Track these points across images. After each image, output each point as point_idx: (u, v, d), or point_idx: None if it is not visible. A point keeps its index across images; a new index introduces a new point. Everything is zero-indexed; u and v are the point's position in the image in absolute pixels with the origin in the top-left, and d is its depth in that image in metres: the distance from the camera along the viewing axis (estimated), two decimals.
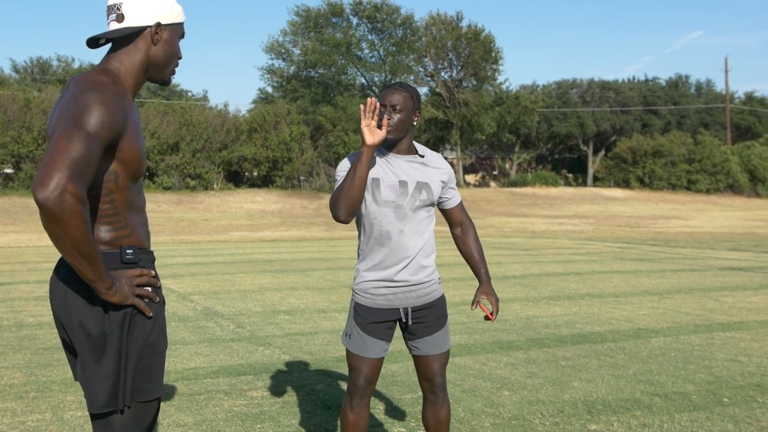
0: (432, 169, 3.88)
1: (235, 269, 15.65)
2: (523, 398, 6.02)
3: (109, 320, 2.71)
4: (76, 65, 69.97)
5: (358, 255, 3.92)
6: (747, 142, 74.78)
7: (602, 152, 78.39)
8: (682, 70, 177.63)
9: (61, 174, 2.41)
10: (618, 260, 18.15)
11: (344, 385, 6.37)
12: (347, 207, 3.64)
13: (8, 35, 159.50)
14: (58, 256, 18.79)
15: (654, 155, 66.42)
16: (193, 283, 13.33)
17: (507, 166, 78.71)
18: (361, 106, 3.59)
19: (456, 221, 4.08)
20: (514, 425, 5.31)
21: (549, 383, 6.49)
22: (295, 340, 8.33)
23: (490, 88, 67.34)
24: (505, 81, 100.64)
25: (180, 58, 2.99)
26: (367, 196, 3.78)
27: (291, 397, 6.05)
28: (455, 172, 70.25)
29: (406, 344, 3.98)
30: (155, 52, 2.87)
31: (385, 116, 3.67)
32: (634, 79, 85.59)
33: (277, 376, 6.73)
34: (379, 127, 3.63)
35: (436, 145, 70.60)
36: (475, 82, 66.65)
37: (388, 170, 3.80)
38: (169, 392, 6.14)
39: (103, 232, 2.73)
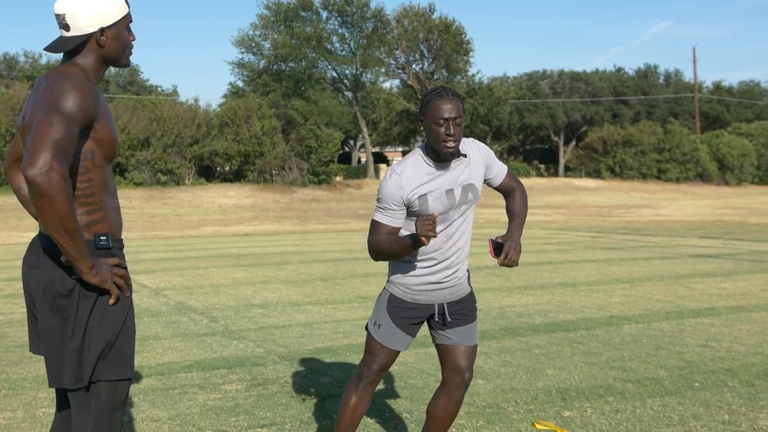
0: (474, 167, 3.84)
1: (207, 264, 15.60)
2: (497, 387, 6.05)
3: (80, 302, 2.83)
4: (43, 61, 69.30)
5: None
6: (716, 131, 75.41)
7: (573, 142, 78.79)
8: (651, 60, 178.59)
9: (47, 153, 2.60)
10: (590, 249, 18.27)
11: (320, 378, 6.38)
12: (381, 260, 3.73)
13: None
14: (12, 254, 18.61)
15: (624, 145, 66.85)
16: (165, 278, 13.27)
17: None
18: (430, 223, 3.38)
19: (506, 191, 4.06)
20: (489, 413, 5.35)
21: (523, 371, 6.53)
22: (269, 334, 8.32)
23: (462, 80, 67.42)
24: (477, 73, 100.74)
25: (133, 40, 3.11)
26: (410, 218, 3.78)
27: (266, 390, 6.04)
28: None
29: (433, 335, 3.98)
30: (106, 51, 3.02)
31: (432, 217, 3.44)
32: (603, 69, 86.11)
33: (251, 369, 6.72)
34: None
35: (407, 137, 70.65)
36: (446, 74, 66.70)
37: (435, 181, 3.73)
38: (143, 387, 6.12)
39: (79, 215, 2.87)
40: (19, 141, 3.13)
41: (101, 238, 2.89)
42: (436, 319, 3.90)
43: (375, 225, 3.77)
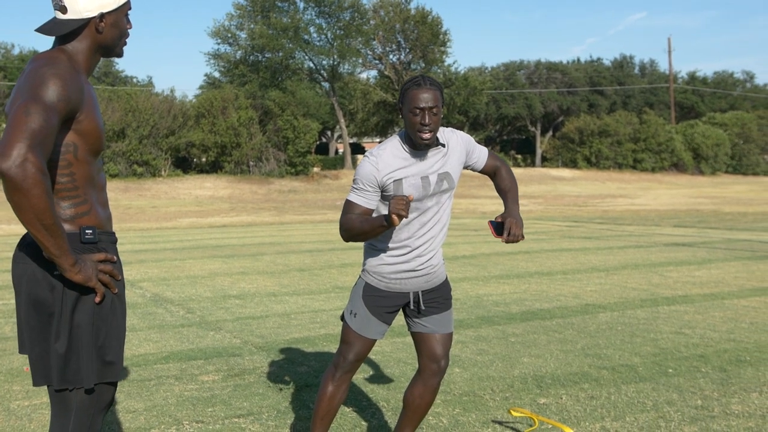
0: (453, 156, 3.85)
1: (184, 255, 15.55)
2: (473, 375, 6.09)
3: (64, 299, 2.71)
4: (16, 51, 68.63)
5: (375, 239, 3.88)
6: (690, 121, 75.80)
7: (550, 133, 79.00)
8: (626, 50, 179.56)
9: (22, 144, 2.46)
10: (566, 238, 18.36)
11: (297, 368, 6.39)
12: (352, 240, 3.72)
13: None
14: (2, 246, 18.51)
15: (600, 135, 67.08)
16: (142, 269, 13.22)
17: None
18: (404, 202, 3.41)
19: (491, 171, 4.08)
20: (465, 401, 5.38)
21: (499, 360, 6.57)
22: (246, 324, 8.32)
23: (439, 70, 67.38)
24: (454, 63, 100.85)
25: (130, 28, 3.00)
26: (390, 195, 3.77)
27: (243, 380, 6.05)
28: None
29: (408, 323, 3.99)
30: (103, 38, 2.88)
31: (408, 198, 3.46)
32: (580, 59, 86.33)
33: (228, 360, 6.72)
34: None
35: (385, 128, 70.56)
36: (423, 65, 66.61)
37: (412, 167, 3.75)
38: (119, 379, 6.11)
39: (63, 208, 2.75)
40: None
41: (87, 231, 2.76)
42: (411, 307, 3.91)
43: (348, 204, 3.76)
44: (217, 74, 68.39)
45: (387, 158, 3.74)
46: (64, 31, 2.79)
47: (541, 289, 10.41)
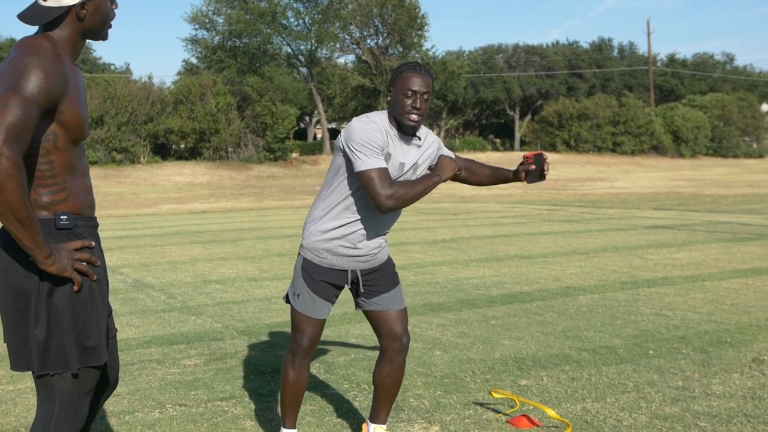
0: (427, 152, 3.91)
1: (164, 241, 15.50)
2: (454, 357, 6.11)
3: (41, 286, 2.70)
4: None
5: (315, 212, 3.86)
6: (670, 103, 76.03)
7: (529, 116, 79.12)
8: (605, 33, 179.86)
9: None
10: (546, 222, 18.42)
11: (278, 351, 6.39)
12: (407, 205, 3.70)
13: None
14: None
15: (579, 118, 67.20)
16: (122, 256, 13.18)
17: (434, 132, 79.00)
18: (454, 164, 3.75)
19: (465, 167, 4.15)
20: (446, 383, 5.40)
21: (480, 342, 6.59)
22: (227, 309, 8.31)
23: (417, 54, 67.28)
24: (432, 47, 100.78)
25: (116, 8, 2.94)
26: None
27: (224, 364, 6.05)
28: None
29: (360, 305, 3.99)
30: (86, 24, 2.83)
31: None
32: (558, 43, 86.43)
33: (209, 344, 6.72)
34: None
35: (363, 113, 70.37)
36: (401, 49, 66.51)
37: (396, 149, 3.78)
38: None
39: (40, 195, 2.72)
40: None
41: (62, 217, 2.73)
42: (350, 287, 3.93)
43: (378, 173, 3.61)
44: (194, 60, 68.02)
45: (382, 126, 3.75)
46: (45, 20, 2.74)
47: (521, 272, 10.45)
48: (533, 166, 3.94)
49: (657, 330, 6.91)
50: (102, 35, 2.93)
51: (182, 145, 53.08)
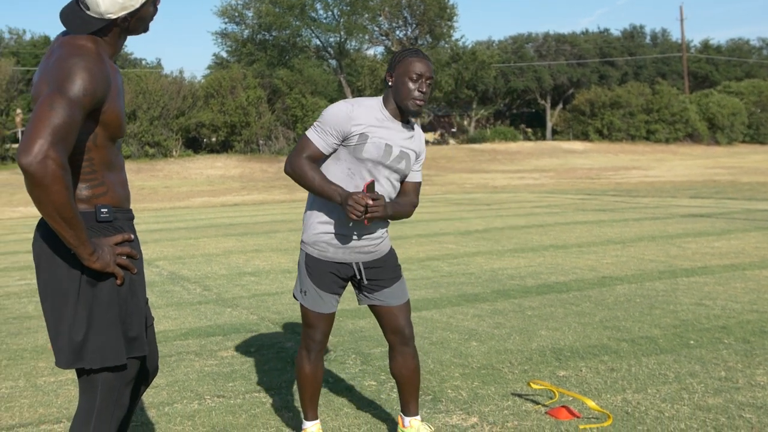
0: (415, 142, 3.87)
1: (198, 234, 15.57)
2: (491, 348, 6.06)
3: (82, 280, 2.71)
4: (27, 37, 68.75)
5: (314, 205, 3.83)
6: (705, 90, 75.22)
7: (560, 105, 78.61)
8: (636, 20, 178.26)
9: (43, 140, 2.45)
10: (580, 211, 18.29)
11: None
12: (297, 182, 3.68)
13: None
14: (20, 228, 18.57)
15: (612, 107, 66.63)
16: (157, 249, 13.24)
17: (465, 123, 78.72)
18: (361, 206, 3.51)
19: (404, 194, 3.94)
20: (484, 374, 5.36)
21: (516, 333, 6.54)
22: (261, 301, 8.32)
23: (446, 45, 67.09)
24: (461, 38, 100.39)
25: (158, 3, 2.91)
26: (343, 150, 3.72)
27: (261, 355, 6.05)
28: None
29: (363, 299, 3.95)
30: (129, 28, 2.85)
31: (368, 207, 3.54)
32: (589, 31, 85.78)
33: (245, 336, 6.72)
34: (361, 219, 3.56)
35: None
36: (430, 40, 66.36)
37: (382, 131, 3.73)
38: None
39: (80, 189, 2.74)
40: None
41: (102, 210, 2.76)
42: (353, 279, 3.90)
43: (304, 141, 3.70)
44: (224, 54, 68.24)
45: (364, 109, 3.72)
46: (89, 31, 2.73)
47: (556, 263, 10.37)
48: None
49: (697, 320, 6.82)
50: (142, 32, 2.94)
51: (213, 139, 53.30)
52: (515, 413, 4.57)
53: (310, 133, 3.70)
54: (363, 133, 3.68)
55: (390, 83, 3.75)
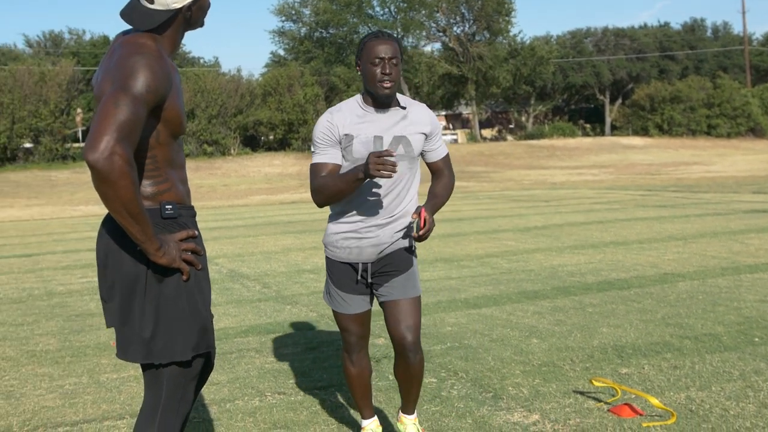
0: (413, 122, 3.71)
1: (257, 232, 15.70)
2: (552, 345, 6.02)
3: (149, 276, 2.75)
4: (87, 37, 69.95)
5: (330, 208, 3.80)
6: (767, 84, 73.77)
7: (619, 100, 77.70)
8: (697, 13, 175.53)
9: (109, 137, 2.48)
10: (640, 207, 18.07)
11: (374, 340, 6.40)
12: (328, 203, 3.60)
13: (20, 10, 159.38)
14: (81, 227, 18.91)
15: (672, 101, 65.67)
16: (216, 246, 13.39)
17: (523, 119, 78.27)
18: (381, 159, 3.30)
19: (436, 172, 3.88)
20: (545, 372, 5.33)
21: (577, 330, 6.49)
22: (321, 298, 8.36)
23: (504, 40, 66.77)
24: (519, 33, 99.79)
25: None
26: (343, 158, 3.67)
27: (320, 352, 6.08)
28: (471, 127, 70.00)
29: (376, 297, 3.83)
30: (189, 20, 2.89)
31: (390, 163, 3.31)
32: (648, 25, 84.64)
33: (306, 333, 6.77)
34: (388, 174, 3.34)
35: (450, 101, 70.23)
36: (488, 36, 66.09)
37: (366, 125, 3.64)
38: None
39: (145, 186, 2.78)
40: None
41: (167, 207, 2.79)
42: (360, 278, 3.77)
43: (314, 168, 3.63)
44: (282, 52, 68.75)
45: (342, 113, 3.65)
46: (154, 25, 2.77)
47: (616, 259, 10.26)
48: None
49: (762, 317, 6.70)
50: (197, 26, 2.97)
51: (271, 137, 53.70)
52: (577, 411, 4.54)
53: (313, 159, 3.65)
54: (348, 134, 3.61)
55: (360, 73, 3.67)
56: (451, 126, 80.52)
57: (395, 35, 3.46)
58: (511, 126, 79.26)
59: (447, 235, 13.84)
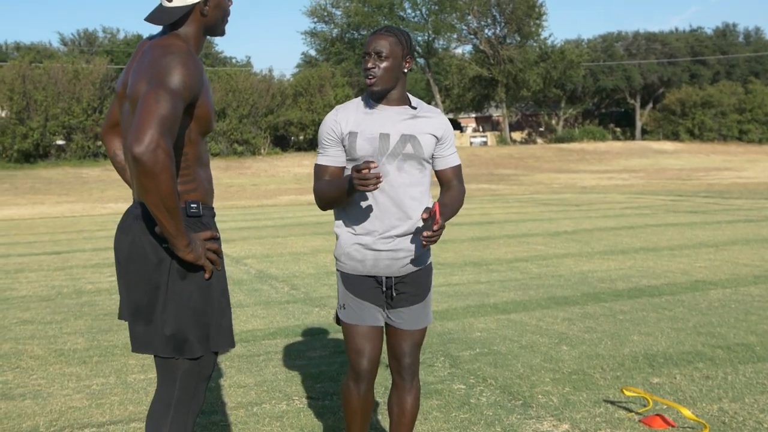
0: (423, 122, 3.48)
1: (286, 232, 15.71)
2: (582, 353, 5.97)
3: (171, 273, 2.80)
4: (121, 36, 70.54)
5: (336, 217, 3.58)
6: None
7: (650, 105, 77.24)
8: (729, 18, 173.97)
9: (153, 131, 2.54)
10: (671, 213, 17.92)
11: None
12: (328, 208, 3.48)
13: (55, 9, 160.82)
14: (110, 224, 19.01)
15: (703, 106, 65.23)
16: (245, 247, 13.41)
17: (553, 122, 77.96)
18: (363, 174, 3.10)
19: (446, 182, 3.61)
20: (575, 380, 5.27)
21: (608, 337, 6.43)
22: None
23: (535, 43, 66.59)
24: (550, 36, 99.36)
25: (231, 5, 3.02)
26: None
27: None
28: (501, 129, 69.80)
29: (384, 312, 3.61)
30: (208, 20, 2.95)
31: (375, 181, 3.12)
32: (680, 29, 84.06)
33: (333, 336, 6.74)
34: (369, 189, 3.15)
35: (481, 103, 70.08)
36: (519, 39, 65.95)
37: (371, 122, 3.44)
38: (229, 354, 6.19)
39: None
40: (115, 106, 3.09)
41: (192, 205, 2.84)
42: (384, 291, 3.51)
43: (317, 169, 3.52)
44: (313, 53, 68.97)
45: (348, 111, 3.49)
46: (172, 20, 2.86)
47: (647, 266, 10.17)
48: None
49: None
50: (221, 30, 3.03)
51: (301, 137, 53.87)
52: (608, 420, 4.49)
53: (317, 159, 3.52)
54: (352, 131, 3.43)
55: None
56: (481, 128, 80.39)
57: (406, 32, 3.29)
58: (541, 129, 79.00)
59: (476, 238, 13.78)
